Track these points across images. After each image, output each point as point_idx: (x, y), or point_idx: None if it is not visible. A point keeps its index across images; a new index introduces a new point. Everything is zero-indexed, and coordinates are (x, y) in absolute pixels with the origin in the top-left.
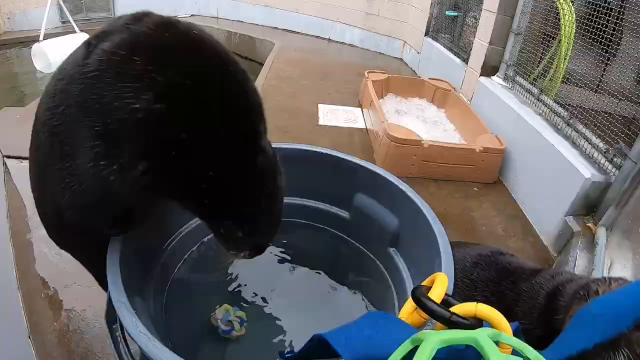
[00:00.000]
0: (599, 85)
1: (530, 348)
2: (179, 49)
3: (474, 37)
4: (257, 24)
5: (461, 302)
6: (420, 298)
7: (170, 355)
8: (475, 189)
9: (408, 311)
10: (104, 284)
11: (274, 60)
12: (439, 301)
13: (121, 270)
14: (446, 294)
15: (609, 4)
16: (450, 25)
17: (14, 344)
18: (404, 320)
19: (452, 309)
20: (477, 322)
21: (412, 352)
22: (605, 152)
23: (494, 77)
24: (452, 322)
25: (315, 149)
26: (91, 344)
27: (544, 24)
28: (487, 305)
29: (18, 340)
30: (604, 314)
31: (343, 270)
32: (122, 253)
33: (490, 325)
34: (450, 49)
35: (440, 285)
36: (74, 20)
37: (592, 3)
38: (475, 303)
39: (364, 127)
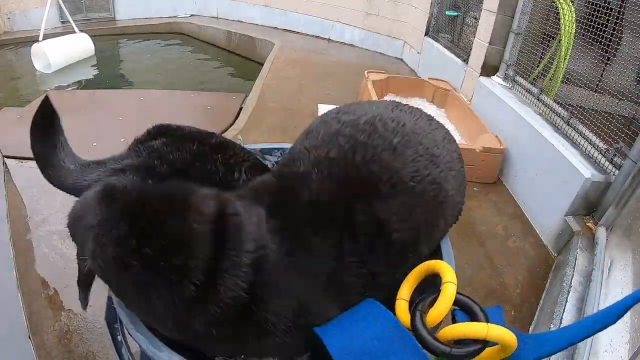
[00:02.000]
0: (599, 85)
1: None
2: None
3: (474, 37)
4: (257, 24)
5: (474, 303)
6: (420, 333)
7: (170, 355)
8: (475, 188)
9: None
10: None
11: (274, 60)
12: (439, 319)
13: None
14: (458, 293)
15: (609, 3)
16: (450, 25)
17: (14, 344)
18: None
19: (462, 327)
20: (482, 346)
21: None
22: (605, 151)
23: (494, 77)
24: (453, 357)
25: None
26: (91, 344)
27: (544, 23)
28: (498, 327)
29: (18, 340)
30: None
31: None
32: None
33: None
34: (450, 49)
35: (444, 301)
36: (74, 20)
37: (592, 3)
38: (487, 325)
39: None
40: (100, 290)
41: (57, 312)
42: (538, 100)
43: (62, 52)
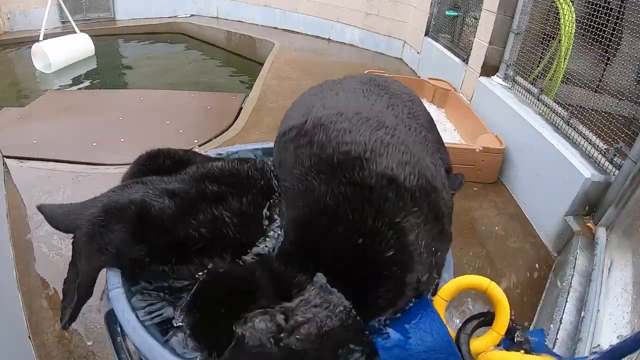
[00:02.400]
0: (599, 85)
1: None
2: None
3: (474, 37)
4: (257, 24)
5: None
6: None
7: (168, 355)
8: (475, 188)
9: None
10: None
11: (274, 60)
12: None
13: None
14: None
15: (609, 3)
16: (450, 25)
17: (14, 344)
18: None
19: (500, 356)
20: None
21: None
22: (605, 152)
23: (494, 77)
24: None
25: None
26: (91, 344)
27: (544, 23)
28: (534, 357)
29: (18, 340)
30: None
31: None
32: None
33: None
34: (450, 49)
35: (499, 324)
36: (74, 20)
37: (592, 3)
38: (523, 356)
39: None
40: (99, 290)
41: (57, 312)
42: (538, 100)
43: (63, 52)
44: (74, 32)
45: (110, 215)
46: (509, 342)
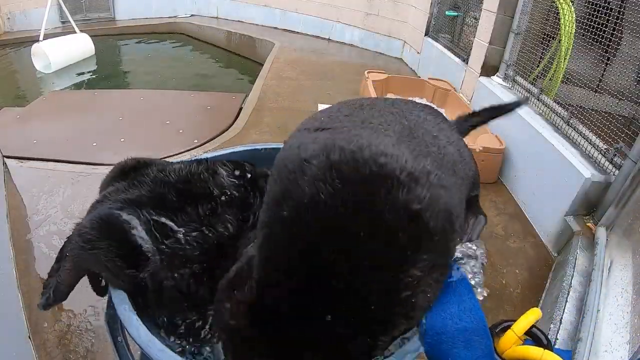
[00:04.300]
0: (599, 85)
1: None
2: None
3: (474, 37)
4: (257, 24)
5: (543, 335)
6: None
7: (171, 355)
8: None
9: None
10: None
11: (274, 60)
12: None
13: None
14: (534, 326)
15: (609, 3)
16: (450, 25)
17: (14, 344)
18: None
19: (521, 349)
20: None
21: None
22: (605, 152)
23: (494, 77)
24: None
25: None
26: (91, 344)
27: (544, 23)
28: (553, 354)
29: (18, 340)
30: None
31: None
32: None
33: None
34: (450, 49)
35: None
36: (74, 20)
37: (592, 3)
38: (543, 350)
39: None
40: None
41: (57, 312)
42: (538, 100)
43: (62, 52)
44: (74, 32)
45: (99, 230)
46: (532, 342)
